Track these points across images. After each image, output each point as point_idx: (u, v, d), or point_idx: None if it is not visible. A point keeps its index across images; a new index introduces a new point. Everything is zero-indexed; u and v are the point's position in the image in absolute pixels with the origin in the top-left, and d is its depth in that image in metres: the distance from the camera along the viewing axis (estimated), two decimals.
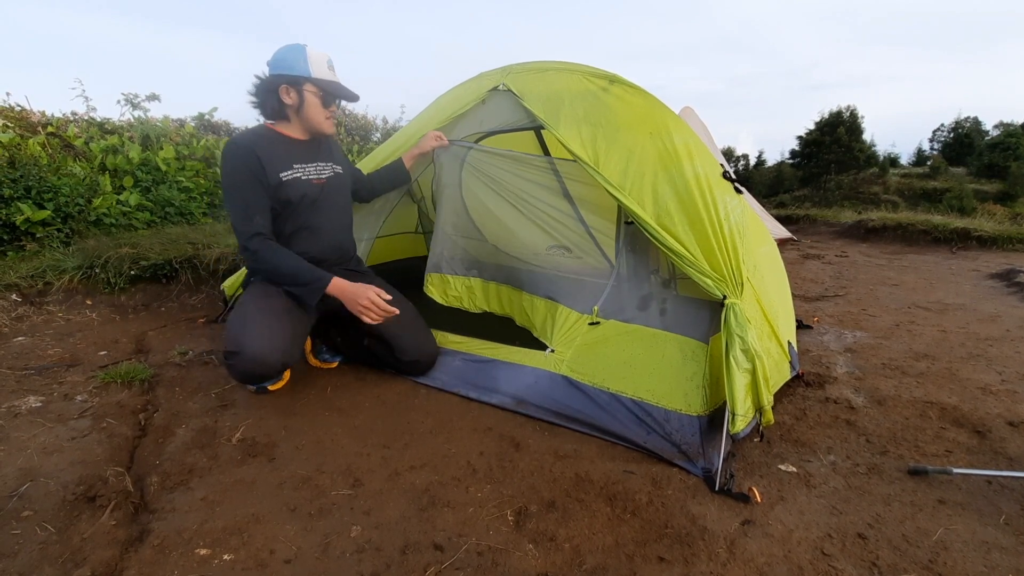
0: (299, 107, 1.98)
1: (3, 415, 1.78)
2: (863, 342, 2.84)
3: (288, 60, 1.92)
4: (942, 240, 6.43)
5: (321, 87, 1.96)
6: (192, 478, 1.54)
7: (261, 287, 2.01)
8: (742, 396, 1.58)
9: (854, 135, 12.41)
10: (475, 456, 1.68)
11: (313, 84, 1.95)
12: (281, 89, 1.95)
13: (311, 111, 1.98)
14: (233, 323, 1.93)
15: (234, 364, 1.87)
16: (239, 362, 1.85)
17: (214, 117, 6.38)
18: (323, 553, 1.27)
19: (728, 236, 1.78)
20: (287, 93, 1.96)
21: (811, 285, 4.44)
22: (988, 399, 2.13)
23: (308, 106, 1.97)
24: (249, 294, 2.02)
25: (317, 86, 1.95)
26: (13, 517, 1.31)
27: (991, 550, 1.31)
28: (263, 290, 1.99)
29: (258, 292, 2.00)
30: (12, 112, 4.59)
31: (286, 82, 1.94)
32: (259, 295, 1.98)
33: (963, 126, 17.91)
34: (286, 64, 1.93)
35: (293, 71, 1.92)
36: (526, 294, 2.45)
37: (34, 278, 2.98)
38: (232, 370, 1.92)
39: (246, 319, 1.90)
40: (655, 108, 2.03)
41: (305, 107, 1.97)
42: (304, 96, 1.96)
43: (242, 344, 1.84)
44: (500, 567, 1.24)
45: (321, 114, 2.00)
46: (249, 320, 1.90)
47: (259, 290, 2.00)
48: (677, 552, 1.29)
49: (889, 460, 1.71)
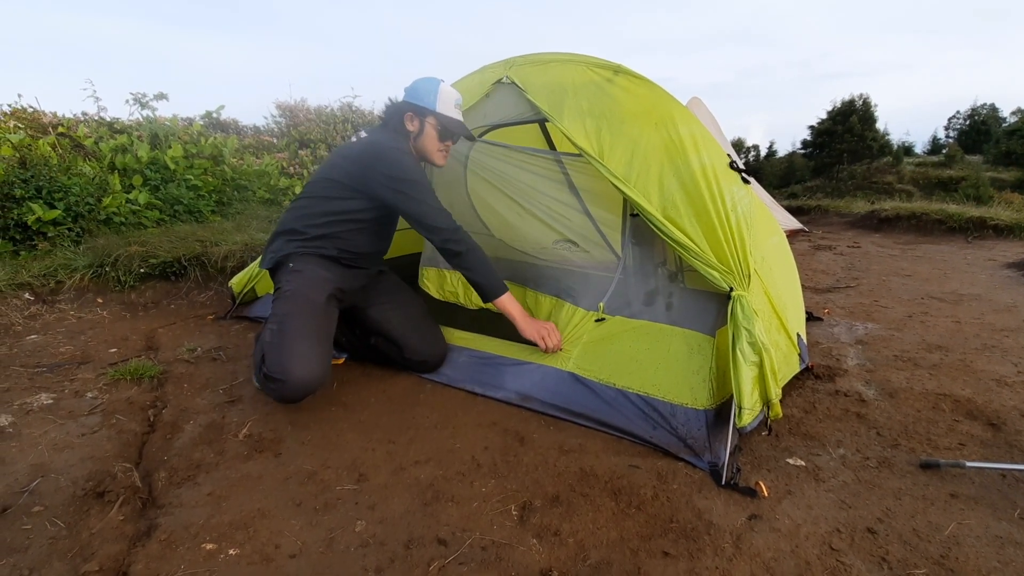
0: (418, 135, 2.09)
1: (16, 412, 1.81)
2: (875, 334, 2.80)
3: (420, 91, 2.07)
4: (957, 229, 6.31)
5: (442, 122, 2.08)
6: (199, 473, 1.56)
7: (292, 301, 1.91)
8: (749, 389, 1.56)
9: (867, 124, 12.18)
10: (480, 451, 1.68)
11: (435, 118, 2.07)
12: (406, 115, 2.07)
13: (427, 141, 2.10)
14: (273, 346, 1.82)
15: (276, 389, 1.80)
16: (284, 388, 1.78)
17: (221, 115, 6.41)
18: (328, 547, 1.28)
19: (735, 227, 1.75)
20: (411, 120, 2.08)
21: (822, 276, 4.38)
22: (1003, 391, 2.09)
23: (426, 136, 2.09)
24: (285, 309, 1.90)
25: (438, 120, 2.07)
26: (24, 512, 1.33)
27: (1005, 545, 1.29)
28: (297, 306, 1.90)
29: (293, 308, 1.90)
30: (24, 113, 4.64)
31: (412, 110, 2.07)
32: (296, 312, 1.89)
33: (979, 113, 17.51)
34: (418, 94, 2.07)
35: (421, 102, 2.06)
36: (530, 291, 2.43)
37: (46, 277, 3.02)
38: (273, 394, 1.85)
39: (286, 342, 1.82)
40: (660, 98, 2.00)
41: (423, 137, 2.09)
42: (424, 127, 2.08)
43: (287, 371, 1.77)
44: (504, 562, 1.23)
45: (435, 145, 2.11)
46: (290, 344, 1.82)
47: (294, 306, 1.90)
48: (682, 547, 1.28)
49: (900, 454, 1.68)
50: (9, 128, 4.18)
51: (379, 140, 2.04)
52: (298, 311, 1.89)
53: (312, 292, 1.94)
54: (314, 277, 1.96)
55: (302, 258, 1.98)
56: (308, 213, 2.02)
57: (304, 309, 1.90)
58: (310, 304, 1.92)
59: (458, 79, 2.49)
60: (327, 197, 2.02)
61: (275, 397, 1.86)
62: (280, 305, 1.92)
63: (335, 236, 2.01)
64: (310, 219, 2.01)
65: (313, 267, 1.97)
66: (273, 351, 1.82)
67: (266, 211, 4.69)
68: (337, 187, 2.02)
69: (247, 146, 5.99)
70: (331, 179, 2.04)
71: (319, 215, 2.01)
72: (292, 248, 1.99)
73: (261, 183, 5.13)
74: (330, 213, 2.00)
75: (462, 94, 2.35)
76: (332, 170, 2.06)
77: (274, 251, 2.04)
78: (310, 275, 1.96)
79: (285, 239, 2.02)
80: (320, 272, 1.98)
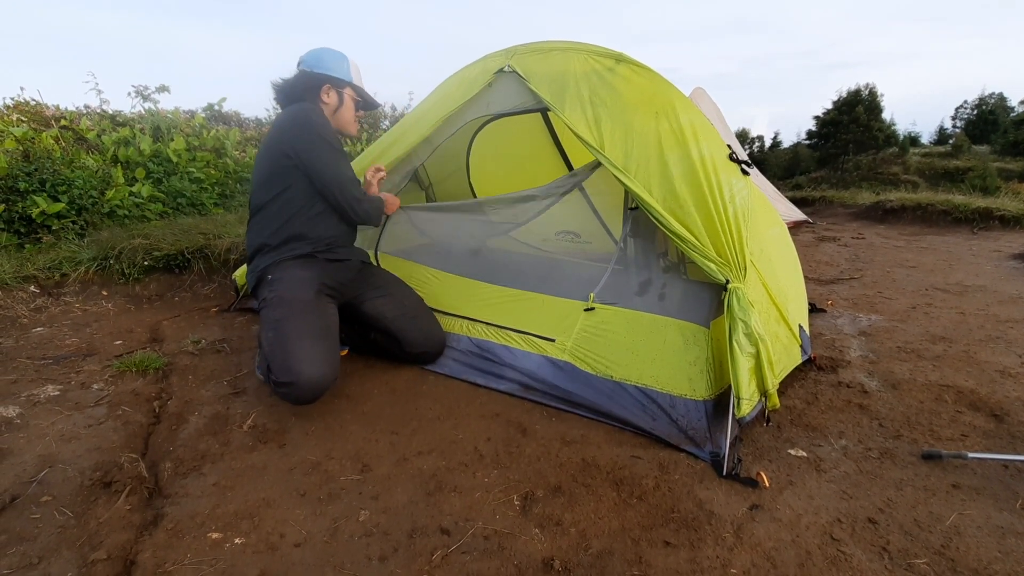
0: (337, 107, 2.11)
1: (23, 403, 1.83)
2: (878, 325, 2.79)
3: (331, 63, 2.07)
4: (963, 220, 6.26)
5: (359, 94, 2.15)
6: (204, 464, 1.57)
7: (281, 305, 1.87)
8: (746, 380, 1.56)
9: (873, 114, 12.03)
10: (482, 442, 1.69)
11: (353, 89, 2.13)
12: (324, 88, 2.07)
13: (346, 113, 2.14)
14: (275, 352, 1.79)
15: (288, 393, 1.77)
16: (295, 391, 1.75)
17: (223, 108, 6.41)
18: (332, 537, 1.29)
19: (732, 219, 1.74)
20: (327, 93, 2.08)
21: (826, 268, 4.36)
22: (1007, 382, 2.08)
23: (345, 108, 2.13)
24: (276, 314, 1.86)
25: (356, 92, 2.14)
26: (32, 502, 1.35)
27: (1006, 535, 1.29)
28: (288, 308, 1.86)
29: (284, 312, 1.86)
30: (27, 106, 4.65)
31: (330, 83, 2.07)
32: (288, 315, 1.85)
33: (987, 103, 17.24)
34: (329, 66, 2.07)
35: (337, 74, 2.07)
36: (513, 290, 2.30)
37: (51, 270, 3.04)
38: (287, 398, 1.81)
39: (287, 346, 1.78)
40: (661, 87, 1.99)
41: (343, 109, 2.13)
42: (343, 98, 2.11)
43: (295, 373, 1.73)
44: (506, 551, 1.24)
45: (352, 116, 2.17)
46: (292, 346, 1.78)
47: (284, 309, 1.86)
48: (683, 536, 1.28)
49: (902, 444, 1.68)
50: (12, 121, 4.18)
51: (292, 113, 1.99)
52: (290, 313, 1.85)
53: (298, 292, 1.90)
54: (295, 278, 1.93)
55: (278, 267, 1.96)
56: (265, 224, 1.99)
57: (296, 309, 1.86)
58: (300, 303, 1.88)
59: (459, 68, 2.48)
60: (270, 200, 1.98)
61: (290, 401, 1.82)
62: (270, 312, 1.88)
63: (300, 235, 1.98)
64: (270, 227, 1.98)
65: (291, 270, 1.95)
66: (276, 357, 1.78)
67: None
68: (274, 180, 1.98)
69: (249, 139, 5.98)
70: (262, 177, 2.00)
71: (275, 220, 1.98)
72: (267, 261, 1.97)
73: None
74: (284, 212, 1.97)
75: (464, 83, 2.34)
76: (260, 167, 2.02)
77: (252, 270, 2.03)
78: (290, 278, 1.93)
79: (259, 257, 2.00)
80: (299, 272, 1.95)
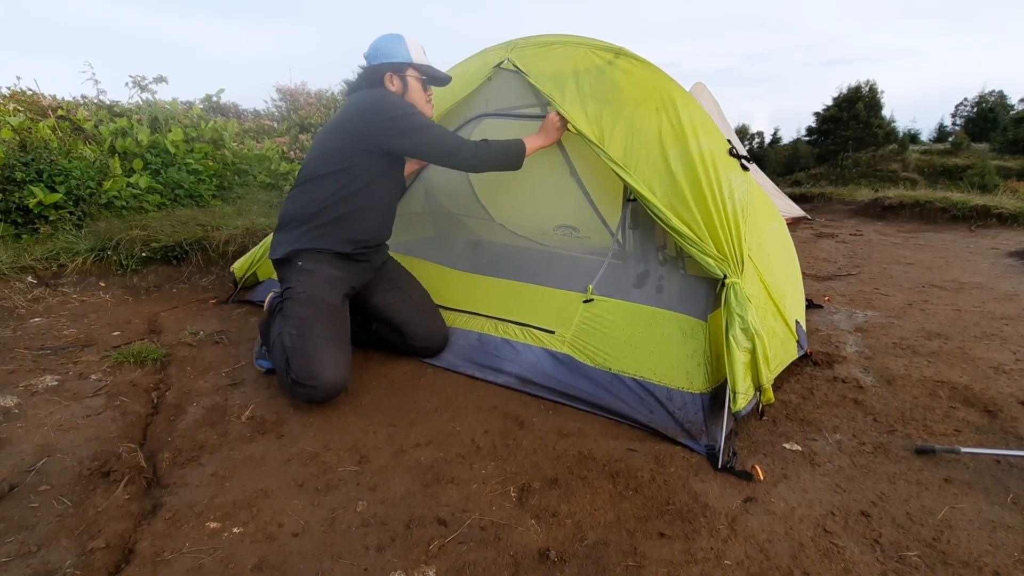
0: (403, 92, 2.04)
1: (21, 394, 1.83)
2: (874, 321, 2.80)
3: (389, 49, 2.01)
4: (961, 218, 6.28)
5: (422, 72, 2.05)
6: (203, 454, 1.58)
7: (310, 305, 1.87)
8: (742, 375, 1.58)
9: (873, 111, 12.00)
10: (479, 434, 1.70)
11: (415, 69, 2.03)
12: (386, 77, 2.01)
13: (415, 95, 2.05)
14: (298, 352, 1.80)
15: (307, 394, 1.80)
16: (315, 393, 1.79)
17: (221, 99, 6.37)
18: (330, 527, 1.30)
19: (731, 214, 1.75)
20: (391, 80, 2.02)
21: (823, 264, 4.37)
22: (1000, 378, 2.10)
23: (412, 90, 2.04)
24: (303, 312, 1.85)
25: (419, 71, 2.04)
26: (31, 491, 1.36)
27: (997, 529, 1.31)
28: (316, 310, 1.87)
29: (312, 313, 1.86)
30: (23, 96, 4.61)
31: (390, 69, 2.01)
32: (315, 317, 1.86)
33: (987, 100, 17.22)
34: (387, 53, 2.00)
35: (396, 58, 2.00)
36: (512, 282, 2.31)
37: (49, 260, 3.03)
38: (302, 398, 1.83)
39: (312, 348, 1.80)
40: (661, 82, 1.99)
41: (409, 91, 2.04)
42: (408, 82, 2.03)
43: (318, 377, 1.77)
44: (503, 541, 1.25)
45: (423, 97, 2.07)
46: (318, 350, 1.80)
47: (312, 310, 1.86)
48: (678, 528, 1.30)
49: (896, 439, 1.69)
50: (8, 111, 4.16)
51: (367, 93, 1.98)
52: (317, 315, 1.86)
53: (327, 295, 1.90)
54: (327, 278, 1.92)
55: (312, 256, 1.91)
56: (313, 195, 1.93)
57: (323, 313, 1.88)
58: (327, 307, 1.90)
59: (459, 62, 2.47)
60: (326, 174, 1.93)
61: (304, 400, 1.84)
62: (296, 308, 1.87)
63: (342, 221, 1.93)
64: (317, 199, 1.92)
65: (324, 267, 1.92)
66: (299, 357, 1.80)
67: (267, 196, 4.68)
68: (337, 156, 1.93)
69: (247, 130, 5.95)
70: (327, 150, 1.96)
71: (324, 192, 1.92)
72: (302, 243, 1.91)
73: (262, 167, 5.10)
74: (334, 191, 1.92)
75: (463, 77, 2.33)
76: (327, 140, 1.99)
77: (282, 242, 1.96)
78: (322, 276, 1.91)
79: (293, 230, 1.95)
80: (331, 272, 1.93)
